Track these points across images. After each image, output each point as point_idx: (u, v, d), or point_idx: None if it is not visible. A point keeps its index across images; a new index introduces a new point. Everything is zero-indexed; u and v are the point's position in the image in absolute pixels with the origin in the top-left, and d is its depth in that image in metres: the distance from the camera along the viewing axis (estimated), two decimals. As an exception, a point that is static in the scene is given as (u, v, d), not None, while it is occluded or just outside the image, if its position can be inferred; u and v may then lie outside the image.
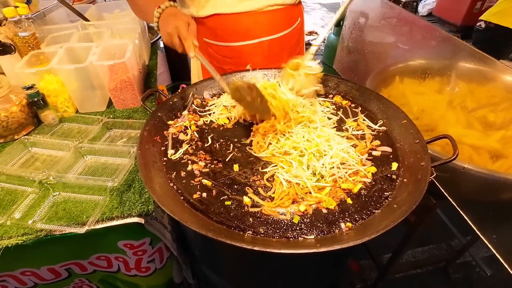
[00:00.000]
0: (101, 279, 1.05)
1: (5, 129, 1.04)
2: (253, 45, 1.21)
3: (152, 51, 1.71)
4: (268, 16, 1.18)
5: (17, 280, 0.92)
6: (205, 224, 0.67)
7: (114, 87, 1.17)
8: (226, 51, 1.23)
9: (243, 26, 1.18)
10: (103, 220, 0.82)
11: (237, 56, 1.23)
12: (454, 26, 4.99)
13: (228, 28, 1.18)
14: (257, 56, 1.24)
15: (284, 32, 1.25)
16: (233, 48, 1.22)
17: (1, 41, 1.10)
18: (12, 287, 0.93)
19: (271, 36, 1.22)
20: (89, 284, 1.06)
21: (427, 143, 0.82)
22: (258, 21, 1.18)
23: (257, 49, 1.23)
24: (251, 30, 1.19)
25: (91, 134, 1.08)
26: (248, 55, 1.23)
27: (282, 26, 1.24)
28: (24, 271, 0.90)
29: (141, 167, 0.76)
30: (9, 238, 0.78)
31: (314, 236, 0.66)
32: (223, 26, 1.18)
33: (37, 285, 0.96)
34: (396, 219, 0.62)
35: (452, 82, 1.40)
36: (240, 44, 1.21)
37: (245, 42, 1.20)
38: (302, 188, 0.76)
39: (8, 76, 1.13)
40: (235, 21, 1.16)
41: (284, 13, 1.22)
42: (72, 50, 1.21)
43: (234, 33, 1.19)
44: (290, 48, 1.30)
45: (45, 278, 0.94)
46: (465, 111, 1.27)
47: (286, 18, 1.24)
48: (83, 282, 1.04)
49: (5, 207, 0.86)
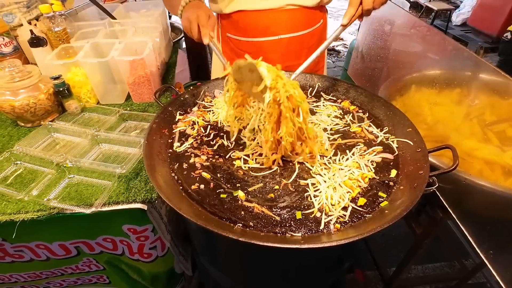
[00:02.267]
0: (107, 261, 1.12)
1: (32, 114, 1.14)
2: (272, 41, 1.25)
3: (173, 50, 1.79)
4: (288, 14, 1.22)
5: (32, 252, 1.00)
6: (198, 214, 0.70)
7: (133, 81, 1.25)
8: (247, 46, 1.29)
9: (264, 23, 1.22)
10: (109, 203, 0.88)
11: (256, 52, 1.28)
12: (490, 37, 4.75)
13: (250, 24, 1.24)
14: (276, 52, 1.28)
15: (304, 32, 1.28)
16: (253, 43, 1.27)
17: (36, 34, 1.21)
18: (28, 257, 1.02)
19: (290, 34, 1.25)
20: (96, 264, 1.13)
21: (429, 152, 0.81)
22: (278, 19, 1.22)
23: (275, 46, 1.27)
24: (271, 27, 1.23)
25: (108, 124, 1.15)
26: (267, 51, 1.27)
27: (302, 26, 1.27)
28: (39, 244, 0.98)
29: (146, 156, 0.81)
30: (26, 213, 0.86)
31: (302, 234, 0.67)
32: (245, 21, 1.24)
33: (49, 259, 1.04)
34: (384, 225, 0.62)
35: (472, 94, 1.35)
36: (260, 40, 1.26)
37: (264, 38, 1.25)
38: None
39: (40, 66, 1.23)
40: (256, 17, 1.21)
41: (304, 13, 1.25)
42: (97, 45, 1.30)
43: (255, 29, 1.24)
44: (309, 48, 1.32)
45: (57, 253, 1.02)
46: (483, 124, 1.23)
47: (306, 19, 1.27)
48: (91, 262, 1.12)
49: (26, 184, 0.94)
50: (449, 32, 5.15)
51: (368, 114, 1.06)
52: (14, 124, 1.20)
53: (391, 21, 1.66)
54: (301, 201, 0.75)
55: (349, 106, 1.10)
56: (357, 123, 1.01)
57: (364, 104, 1.10)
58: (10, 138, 1.13)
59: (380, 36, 1.64)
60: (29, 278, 1.14)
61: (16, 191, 0.90)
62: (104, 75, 1.26)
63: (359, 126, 1.00)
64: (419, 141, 0.86)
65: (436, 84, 1.37)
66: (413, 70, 1.44)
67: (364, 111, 1.08)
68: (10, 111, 1.11)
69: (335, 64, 4.45)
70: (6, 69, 1.08)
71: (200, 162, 0.86)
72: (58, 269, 1.12)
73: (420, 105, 1.35)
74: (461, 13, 5.36)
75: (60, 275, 1.16)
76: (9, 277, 1.12)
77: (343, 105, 1.11)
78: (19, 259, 1.03)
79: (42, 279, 1.16)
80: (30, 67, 1.15)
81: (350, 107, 1.09)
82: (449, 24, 5.26)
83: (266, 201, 0.75)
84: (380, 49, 1.63)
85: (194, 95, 1.13)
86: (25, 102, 1.10)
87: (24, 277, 1.13)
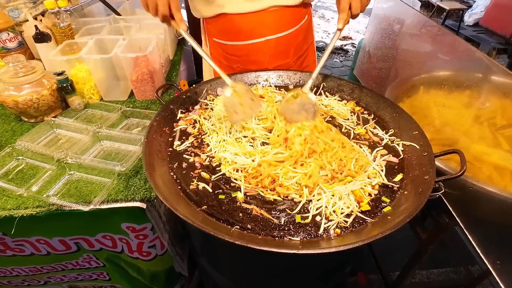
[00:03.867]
0: (107, 258, 1.11)
1: (36, 110, 1.14)
2: (259, 43, 1.24)
3: (179, 47, 1.78)
4: (273, 15, 1.20)
5: (33, 246, 1.01)
6: (195, 215, 0.69)
7: (136, 78, 1.24)
8: (235, 50, 1.27)
9: (249, 26, 1.20)
10: (108, 201, 0.87)
11: (245, 55, 1.27)
12: (503, 38, 4.62)
13: (234, 27, 1.21)
14: (264, 54, 1.26)
15: (290, 31, 1.26)
16: (241, 47, 1.25)
17: (40, 30, 1.21)
18: (29, 252, 1.02)
19: (276, 35, 1.23)
20: (96, 261, 1.13)
21: (435, 156, 0.78)
22: (264, 21, 1.20)
23: (264, 47, 1.25)
24: (256, 29, 1.21)
25: (110, 121, 1.15)
26: (256, 53, 1.25)
27: (288, 25, 1.25)
28: (39, 239, 0.98)
29: (145, 154, 0.80)
30: (25, 208, 0.85)
31: (300, 238, 0.65)
32: (230, 25, 1.22)
33: (50, 253, 1.04)
34: (385, 231, 0.59)
35: (482, 97, 1.31)
36: (247, 43, 1.24)
37: (251, 41, 1.23)
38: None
39: (44, 62, 1.24)
40: (240, 21, 1.19)
41: (288, 12, 1.22)
42: (101, 41, 1.29)
43: (240, 33, 1.22)
44: (296, 45, 1.31)
45: (57, 249, 1.03)
46: (493, 128, 1.19)
47: (291, 17, 1.25)
48: (91, 258, 1.12)
49: (26, 180, 0.94)
50: (461, 32, 5.03)
51: (373, 116, 1.03)
52: (18, 119, 1.20)
53: (400, 20, 1.62)
54: (302, 204, 0.73)
55: (354, 107, 1.07)
56: (362, 125, 0.99)
57: (369, 105, 1.07)
58: (13, 133, 1.13)
59: (388, 36, 1.60)
60: (30, 272, 1.14)
61: (17, 186, 0.90)
62: (107, 71, 1.25)
63: (364, 128, 0.97)
64: (425, 144, 0.83)
65: (445, 85, 1.33)
66: (422, 71, 1.40)
67: (369, 112, 1.05)
68: (14, 106, 1.11)
69: (342, 64, 4.40)
70: (10, 64, 1.08)
71: (200, 162, 0.85)
72: (58, 264, 1.13)
73: (428, 107, 1.32)
74: (473, 13, 5.23)
75: (60, 270, 1.16)
76: (10, 271, 1.13)
77: (348, 105, 1.08)
78: (20, 253, 1.03)
79: (43, 273, 1.16)
80: (34, 62, 1.15)
81: (356, 108, 1.07)
82: (461, 24, 5.15)
83: (265, 203, 0.74)
84: (388, 49, 1.60)
85: (196, 93, 1.11)
86: (28, 97, 1.10)
87: (25, 270, 1.13)
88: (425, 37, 1.49)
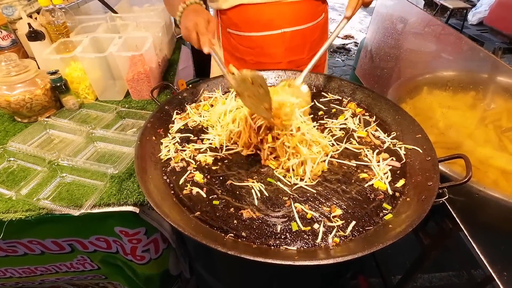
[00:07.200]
0: (102, 260, 1.09)
1: (29, 110, 1.11)
2: (275, 35, 1.21)
3: (177, 46, 1.75)
4: (292, 7, 1.18)
5: (25, 247, 0.98)
6: (187, 221, 0.66)
7: (131, 78, 1.21)
8: (249, 41, 1.24)
9: (266, 17, 1.18)
10: (100, 205, 0.85)
11: (259, 47, 1.24)
12: (508, 37, 4.56)
13: (251, 18, 1.19)
14: (279, 47, 1.23)
15: (307, 25, 1.23)
16: (256, 38, 1.22)
17: (34, 28, 1.18)
18: (22, 252, 1.00)
19: (293, 28, 1.21)
20: (90, 263, 1.11)
21: (440, 161, 0.75)
22: (281, 12, 1.17)
23: (279, 40, 1.22)
24: (274, 20, 1.18)
25: (104, 122, 1.12)
26: (270, 46, 1.23)
27: (305, 19, 1.23)
28: (31, 240, 0.96)
29: (137, 157, 0.77)
30: (15, 212, 0.83)
31: (297, 247, 0.62)
32: (246, 16, 1.19)
33: (44, 253, 1.02)
34: (386, 242, 0.56)
35: (488, 98, 1.27)
36: (262, 34, 1.21)
37: (267, 32, 1.20)
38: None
39: (38, 61, 1.21)
40: (258, 11, 1.17)
41: (308, 6, 1.20)
42: (96, 40, 1.27)
43: (257, 24, 1.20)
44: (311, 42, 1.28)
45: (51, 249, 1.00)
46: (499, 130, 1.15)
47: (309, 11, 1.23)
48: (85, 260, 1.09)
49: (17, 182, 0.92)
50: (464, 31, 4.96)
51: (375, 118, 1.00)
52: (11, 119, 1.18)
53: (403, 19, 1.57)
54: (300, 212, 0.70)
55: (355, 109, 1.04)
56: (363, 127, 0.95)
57: (371, 107, 1.04)
58: (6, 134, 1.11)
59: (391, 35, 1.56)
60: (24, 273, 1.12)
61: (7, 189, 0.87)
62: (102, 70, 1.22)
63: (365, 130, 0.94)
64: (429, 148, 0.80)
65: (450, 86, 1.29)
66: (425, 71, 1.36)
67: (371, 114, 1.02)
68: (6, 106, 1.08)
69: (344, 63, 4.35)
70: (2, 63, 1.06)
71: (193, 166, 0.82)
72: (52, 265, 1.10)
73: (432, 109, 1.28)
74: (477, 12, 5.16)
75: (54, 272, 1.14)
76: (4, 272, 1.11)
77: (349, 107, 1.05)
78: (13, 253, 1.01)
79: (37, 275, 1.14)
80: (27, 61, 1.12)
81: (357, 109, 1.04)
82: (465, 23, 5.08)
83: (262, 209, 0.71)
84: (390, 48, 1.56)
85: (193, 93, 1.08)
86: (21, 97, 1.07)
87: (19, 272, 1.11)
88: (429, 36, 1.45)
